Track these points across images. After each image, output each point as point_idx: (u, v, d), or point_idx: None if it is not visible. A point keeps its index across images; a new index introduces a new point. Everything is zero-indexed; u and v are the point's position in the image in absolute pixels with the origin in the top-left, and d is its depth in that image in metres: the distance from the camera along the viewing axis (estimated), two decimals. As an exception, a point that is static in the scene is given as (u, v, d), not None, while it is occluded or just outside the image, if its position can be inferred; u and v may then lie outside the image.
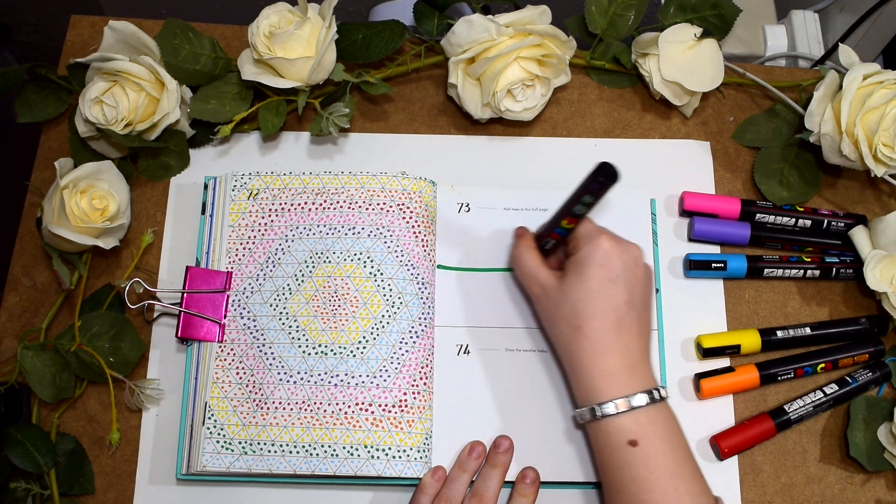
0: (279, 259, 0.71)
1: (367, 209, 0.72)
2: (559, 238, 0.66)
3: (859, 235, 0.72)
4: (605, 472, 0.61)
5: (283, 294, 0.70)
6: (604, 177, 0.59)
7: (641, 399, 0.60)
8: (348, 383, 0.67)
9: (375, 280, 0.69)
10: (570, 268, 0.63)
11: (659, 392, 0.61)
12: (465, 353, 0.70)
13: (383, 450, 0.65)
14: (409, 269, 0.70)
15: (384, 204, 0.72)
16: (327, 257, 0.70)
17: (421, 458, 0.66)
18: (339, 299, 0.69)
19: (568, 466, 0.67)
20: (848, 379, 0.70)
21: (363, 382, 0.67)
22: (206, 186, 0.74)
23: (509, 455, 0.66)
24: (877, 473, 0.70)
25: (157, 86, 0.72)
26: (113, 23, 0.72)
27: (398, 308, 0.69)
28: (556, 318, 0.63)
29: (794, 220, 0.74)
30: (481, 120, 0.76)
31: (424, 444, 0.66)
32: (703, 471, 0.66)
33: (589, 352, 0.61)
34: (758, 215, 0.74)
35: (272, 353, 0.68)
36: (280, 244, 0.71)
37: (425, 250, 0.71)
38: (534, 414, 0.68)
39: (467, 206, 0.74)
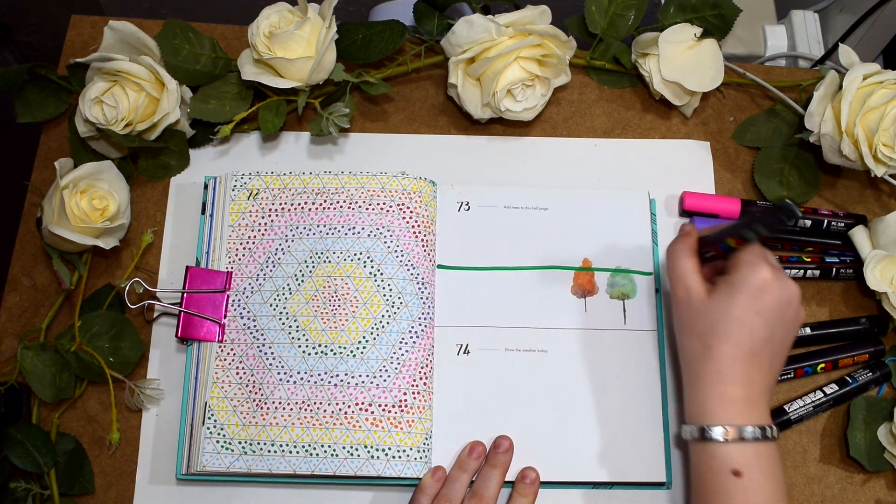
0: (279, 259, 0.71)
1: (367, 209, 0.72)
2: (720, 252, 0.64)
3: (859, 235, 0.72)
4: (700, 494, 0.60)
5: (283, 294, 0.70)
6: (785, 216, 0.57)
7: (753, 432, 0.58)
8: (348, 383, 0.67)
9: (375, 280, 0.69)
10: (721, 286, 0.61)
11: (772, 430, 0.59)
12: (465, 353, 0.70)
13: (383, 450, 0.65)
14: (409, 269, 0.70)
15: (384, 204, 0.72)
16: (327, 257, 0.70)
17: (421, 458, 0.66)
18: (339, 299, 0.69)
19: (568, 466, 0.67)
20: (848, 379, 0.70)
21: (363, 382, 0.67)
22: (206, 186, 0.74)
23: (509, 455, 0.66)
24: (877, 473, 0.70)
25: (157, 86, 0.72)
26: (113, 23, 0.72)
27: (398, 308, 0.69)
28: (691, 330, 0.61)
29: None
30: (481, 120, 0.76)
31: (424, 444, 0.66)
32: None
33: (713, 373, 0.59)
34: (758, 215, 0.74)
35: (272, 353, 0.68)
36: (280, 244, 0.71)
37: (425, 250, 0.71)
38: (534, 413, 0.68)
39: (467, 204, 0.74)
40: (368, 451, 0.65)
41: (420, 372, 0.68)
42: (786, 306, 0.60)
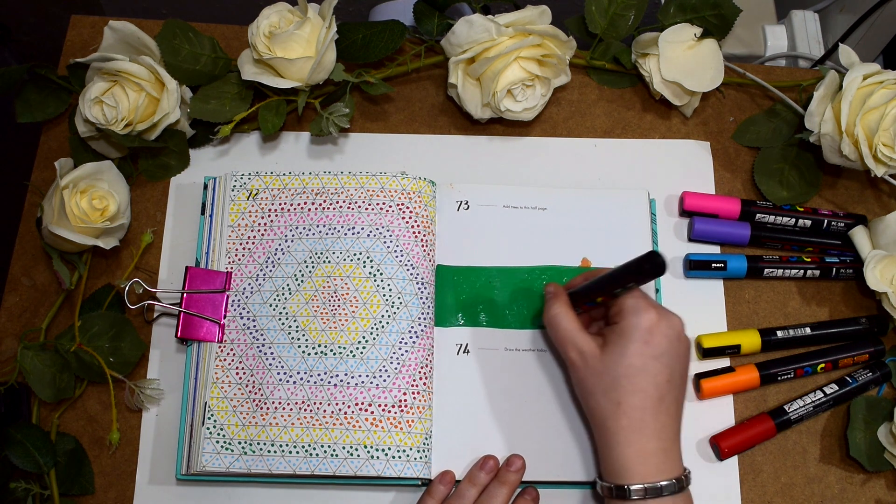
0: (279, 259, 0.71)
1: (366, 209, 0.72)
2: (588, 308, 0.64)
3: (859, 235, 0.72)
4: None
5: (283, 294, 0.70)
6: (651, 267, 0.57)
7: (670, 486, 0.58)
8: (348, 383, 0.67)
9: (375, 280, 0.69)
10: (612, 339, 0.60)
11: (685, 480, 0.59)
12: (464, 352, 0.70)
13: (383, 450, 0.65)
14: (408, 269, 0.70)
15: (384, 204, 0.72)
16: (327, 257, 0.70)
17: (421, 458, 0.66)
18: (339, 299, 0.69)
19: (568, 466, 0.67)
20: (848, 379, 0.70)
21: (363, 382, 0.67)
22: (205, 186, 0.74)
23: (520, 475, 0.65)
24: (877, 473, 0.70)
25: (157, 86, 0.72)
26: (113, 23, 0.72)
27: (398, 308, 0.69)
28: (595, 389, 0.60)
29: (794, 220, 0.74)
30: (481, 120, 0.76)
31: (424, 444, 0.66)
32: (703, 471, 0.67)
33: (626, 430, 0.59)
34: (758, 215, 0.74)
35: (272, 353, 0.68)
36: (280, 244, 0.71)
37: (425, 250, 0.71)
38: (533, 413, 0.68)
39: (466, 204, 0.74)
40: (368, 451, 0.65)
41: (420, 372, 0.68)
42: (676, 341, 0.60)
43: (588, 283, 0.63)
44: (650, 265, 0.57)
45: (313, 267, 0.70)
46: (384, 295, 0.69)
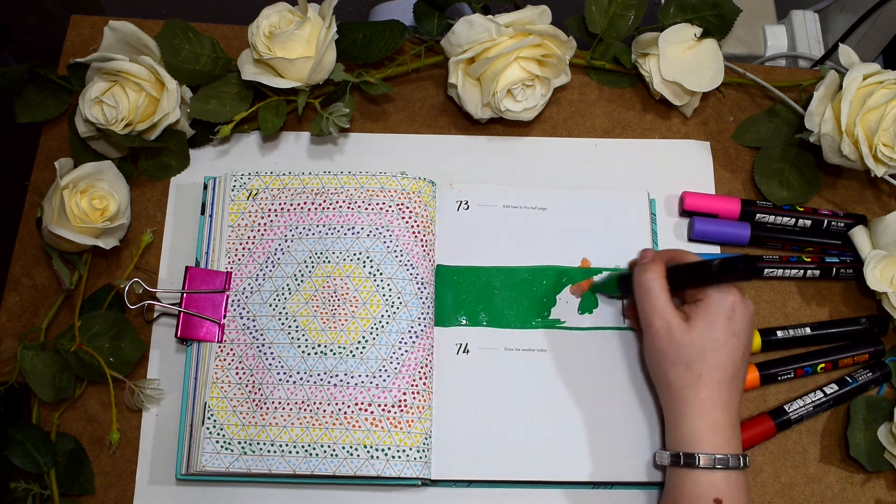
0: (279, 259, 0.71)
1: (366, 209, 0.72)
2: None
3: (859, 235, 0.72)
4: None
5: (283, 294, 0.70)
6: (746, 273, 0.60)
7: (737, 461, 0.60)
8: (348, 383, 0.67)
9: (375, 280, 0.69)
10: (697, 314, 0.62)
11: (748, 459, 0.61)
12: (464, 352, 0.70)
13: (383, 450, 0.65)
14: (408, 269, 0.70)
15: (384, 204, 0.72)
16: (327, 257, 0.70)
17: (420, 458, 0.66)
18: (339, 299, 0.69)
19: (568, 466, 0.67)
20: (848, 379, 0.70)
21: (363, 382, 0.67)
22: (205, 186, 0.74)
23: None
24: (877, 473, 0.70)
25: (157, 86, 0.72)
26: (113, 23, 0.72)
27: (397, 308, 0.69)
28: (677, 360, 0.62)
29: (794, 220, 0.74)
30: (481, 120, 0.76)
31: (424, 444, 0.66)
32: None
33: (704, 401, 0.61)
34: (758, 215, 0.74)
35: (272, 353, 0.68)
36: (279, 244, 0.71)
37: (425, 250, 0.71)
38: (533, 413, 0.68)
39: (466, 204, 0.74)
40: (368, 451, 0.65)
41: (419, 372, 0.68)
42: (751, 323, 0.64)
43: (683, 265, 0.64)
44: (744, 269, 0.60)
45: (313, 267, 0.70)
46: (384, 295, 0.69)
